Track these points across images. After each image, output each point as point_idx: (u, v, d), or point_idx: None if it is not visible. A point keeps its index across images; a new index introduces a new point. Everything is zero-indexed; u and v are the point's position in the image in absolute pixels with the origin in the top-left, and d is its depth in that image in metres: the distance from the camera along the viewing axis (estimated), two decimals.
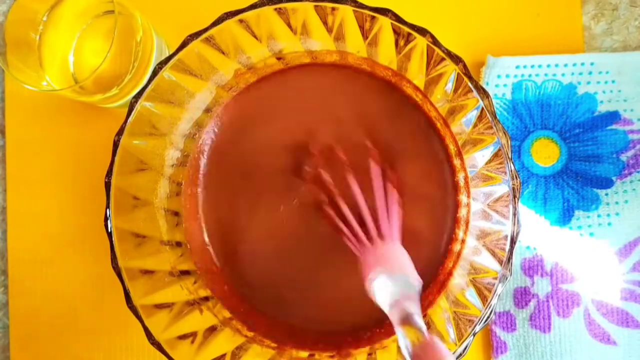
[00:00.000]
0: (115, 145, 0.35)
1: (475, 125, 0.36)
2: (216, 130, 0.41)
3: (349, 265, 0.40)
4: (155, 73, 0.35)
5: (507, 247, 0.35)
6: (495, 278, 0.35)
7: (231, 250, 0.41)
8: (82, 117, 0.45)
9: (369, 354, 0.38)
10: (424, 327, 0.30)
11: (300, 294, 0.40)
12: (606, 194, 0.43)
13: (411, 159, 0.40)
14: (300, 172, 0.40)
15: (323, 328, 0.40)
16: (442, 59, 0.35)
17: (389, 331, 0.39)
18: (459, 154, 0.39)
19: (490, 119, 0.35)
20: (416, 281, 0.33)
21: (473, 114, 0.36)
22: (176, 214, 0.40)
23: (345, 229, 0.37)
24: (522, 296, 0.43)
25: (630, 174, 0.43)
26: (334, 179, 0.39)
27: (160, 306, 0.36)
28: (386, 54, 0.38)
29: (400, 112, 0.40)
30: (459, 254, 0.39)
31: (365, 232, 0.37)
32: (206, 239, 0.41)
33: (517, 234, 0.35)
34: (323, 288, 0.40)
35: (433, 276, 0.40)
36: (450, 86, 0.36)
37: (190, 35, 0.35)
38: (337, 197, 0.38)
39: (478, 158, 0.38)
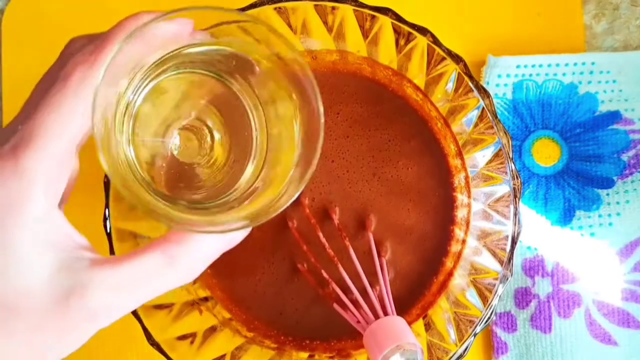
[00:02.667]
0: None
1: (476, 125, 0.36)
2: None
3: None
4: None
5: (508, 248, 0.35)
6: (496, 278, 0.35)
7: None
8: None
9: None
10: None
11: (296, 299, 0.40)
12: (607, 194, 0.43)
13: (411, 159, 0.40)
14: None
15: (322, 331, 0.40)
16: (443, 59, 0.35)
17: None
18: (460, 154, 0.39)
19: (490, 118, 0.35)
20: (419, 349, 0.33)
21: (474, 114, 0.36)
22: None
23: (352, 308, 0.36)
24: (522, 296, 0.43)
25: (631, 173, 0.43)
26: (332, 245, 0.38)
27: (159, 307, 0.36)
28: (386, 54, 0.38)
29: (399, 112, 0.40)
30: (459, 254, 0.39)
31: (371, 307, 0.35)
32: None
33: (518, 234, 0.35)
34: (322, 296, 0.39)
35: (433, 277, 0.40)
36: (450, 86, 0.36)
37: None
38: (341, 270, 0.37)
39: (479, 158, 0.38)
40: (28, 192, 0.24)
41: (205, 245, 0.26)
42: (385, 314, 0.35)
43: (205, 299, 0.39)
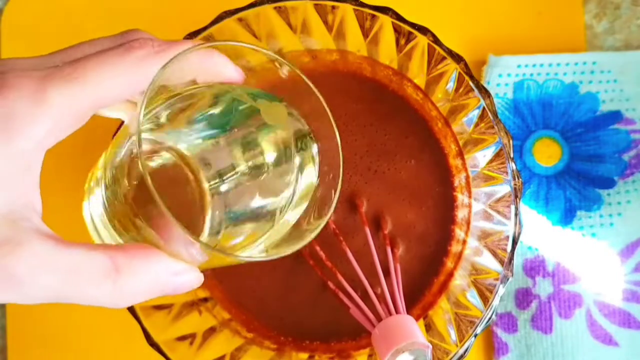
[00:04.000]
0: None
1: (476, 125, 0.36)
2: None
3: None
4: None
5: (509, 248, 0.35)
6: (497, 279, 0.35)
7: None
8: None
9: (370, 355, 0.38)
10: None
11: (296, 300, 0.40)
12: (608, 194, 0.43)
13: (410, 155, 0.40)
14: None
15: (322, 332, 0.39)
16: (443, 58, 0.35)
17: None
18: (460, 154, 0.39)
19: (491, 118, 0.35)
20: (427, 348, 0.33)
21: (474, 114, 0.36)
22: None
23: (353, 308, 0.36)
24: (523, 297, 0.43)
25: (632, 173, 0.43)
26: (328, 254, 0.38)
27: (159, 307, 0.36)
28: (387, 53, 0.37)
29: (399, 111, 0.40)
30: (460, 254, 0.39)
31: (372, 310, 0.35)
32: None
33: (519, 234, 0.35)
34: (322, 296, 0.39)
35: (434, 277, 0.39)
36: (451, 85, 0.36)
37: (188, 35, 0.34)
38: (339, 277, 0.37)
39: (479, 158, 0.38)
40: (36, 120, 0.22)
41: (154, 273, 0.24)
42: (394, 312, 0.35)
43: (205, 300, 0.39)
